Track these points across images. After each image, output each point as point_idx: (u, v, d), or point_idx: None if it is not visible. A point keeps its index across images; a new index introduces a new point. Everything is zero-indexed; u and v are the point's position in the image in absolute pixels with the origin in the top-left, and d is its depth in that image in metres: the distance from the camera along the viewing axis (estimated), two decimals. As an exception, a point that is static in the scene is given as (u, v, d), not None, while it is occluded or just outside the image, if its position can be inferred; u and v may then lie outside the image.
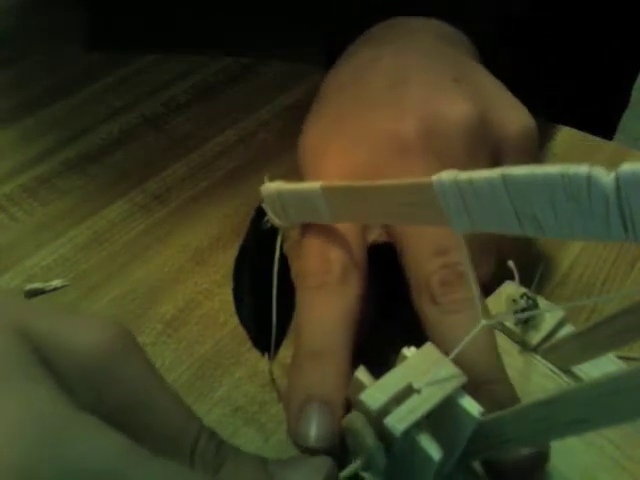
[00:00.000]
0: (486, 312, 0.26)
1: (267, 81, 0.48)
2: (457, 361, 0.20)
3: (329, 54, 0.36)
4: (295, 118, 0.44)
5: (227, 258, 0.35)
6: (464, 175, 0.17)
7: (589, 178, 0.15)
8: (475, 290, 0.20)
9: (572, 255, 0.35)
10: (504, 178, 0.16)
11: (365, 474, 0.21)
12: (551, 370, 0.27)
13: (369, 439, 0.20)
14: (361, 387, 0.21)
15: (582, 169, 0.15)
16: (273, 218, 0.26)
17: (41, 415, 0.16)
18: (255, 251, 0.34)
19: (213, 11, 0.52)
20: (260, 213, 0.36)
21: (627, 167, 0.14)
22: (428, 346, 0.21)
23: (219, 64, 0.49)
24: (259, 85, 0.48)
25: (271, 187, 0.25)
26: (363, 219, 0.25)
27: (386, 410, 0.19)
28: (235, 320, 0.32)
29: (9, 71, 0.49)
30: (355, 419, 0.20)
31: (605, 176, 0.14)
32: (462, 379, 0.20)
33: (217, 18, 0.52)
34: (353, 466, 0.21)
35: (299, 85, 0.47)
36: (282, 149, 0.42)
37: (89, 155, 0.42)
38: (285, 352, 0.30)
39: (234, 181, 0.40)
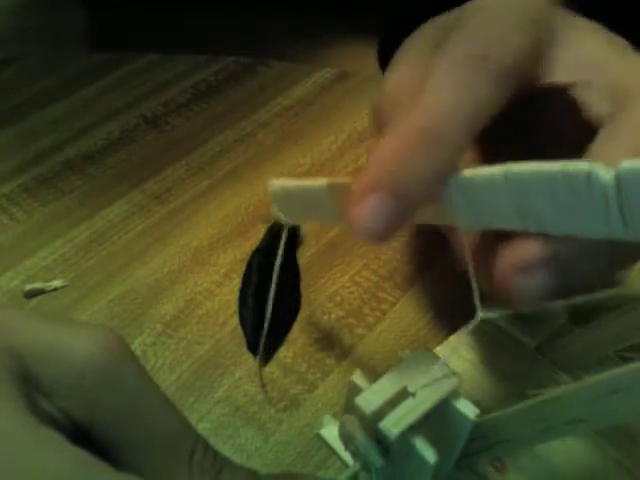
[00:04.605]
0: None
1: (267, 81, 0.48)
2: None
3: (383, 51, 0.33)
4: (295, 118, 0.45)
5: (227, 258, 0.35)
6: (467, 172, 0.18)
7: (589, 174, 0.15)
8: (475, 286, 0.20)
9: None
10: (506, 175, 0.16)
11: (363, 477, 0.21)
12: (552, 369, 0.27)
13: (363, 442, 0.20)
14: (357, 390, 0.21)
15: (582, 166, 0.15)
16: (279, 215, 0.25)
17: None
18: (267, 256, 0.34)
19: (213, 11, 0.52)
20: (280, 221, 0.36)
21: (627, 164, 0.14)
22: (424, 349, 0.21)
23: (219, 64, 0.49)
24: (259, 85, 0.48)
25: (277, 184, 0.24)
26: None
27: (381, 413, 0.19)
28: (235, 320, 0.32)
29: (9, 71, 0.49)
30: (348, 423, 0.20)
31: (605, 173, 0.14)
32: (457, 381, 0.20)
33: (217, 18, 0.52)
34: (351, 469, 0.21)
35: (299, 85, 0.47)
36: (282, 149, 0.42)
37: (89, 155, 0.42)
38: (285, 352, 0.30)
39: (234, 181, 0.40)
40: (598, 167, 0.15)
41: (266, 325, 0.27)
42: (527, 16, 0.21)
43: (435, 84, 0.20)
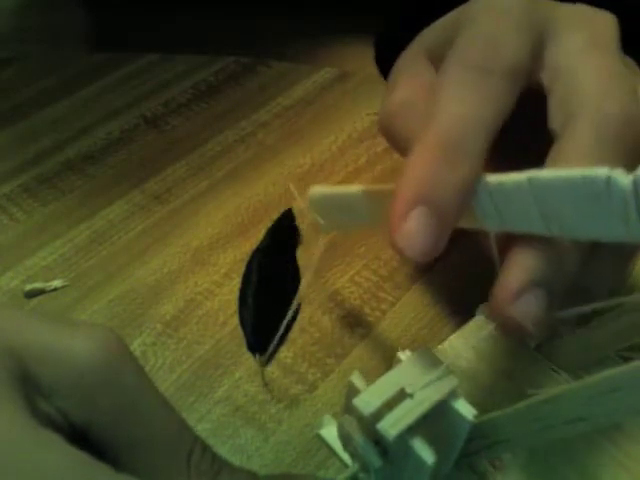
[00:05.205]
0: None
1: (267, 81, 0.48)
2: None
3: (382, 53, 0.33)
4: (295, 118, 0.45)
5: (227, 258, 0.35)
6: (494, 178, 0.18)
7: (609, 179, 0.15)
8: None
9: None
10: (530, 181, 0.17)
11: (362, 477, 0.21)
12: (553, 369, 0.27)
13: (361, 442, 0.20)
14: (355, 392, 0.20)
15: (602, 171, 0.15)
16: (318, 219, 0.25)
17: None
18: (267, 256, 0.34)
19: (213, 11, 0.52)
20: (280, 222, 0.36)
21: None
22: (423, 350, 0.21)
23: (219, 64, 0.49)
24: (259, 85, 0.48)
25: (316, 190, 0.25)
26: None
27: (379, 415, 0.19)
28: (235, 320, 0.32)
29: (9, 71, 0.49)
30: (347, 423, 0.20)
31: (624, 178, 0.15)
32: (455, 381, 0.20)
33: (217, 18, 0.52)
34: (350, 470, 0.21)
35: (299, 85, 0.47)
36: (282, 149, 0.42)
37: (89, 155, 0.42)
38: (285, 352, 0.30)
39: (234, 181, 0.40)
40: (617, 172, 0.15)
41: (285, 323, 0.28)
42: (523, 16, 0.22)
43: (445, 99, 0.20)
